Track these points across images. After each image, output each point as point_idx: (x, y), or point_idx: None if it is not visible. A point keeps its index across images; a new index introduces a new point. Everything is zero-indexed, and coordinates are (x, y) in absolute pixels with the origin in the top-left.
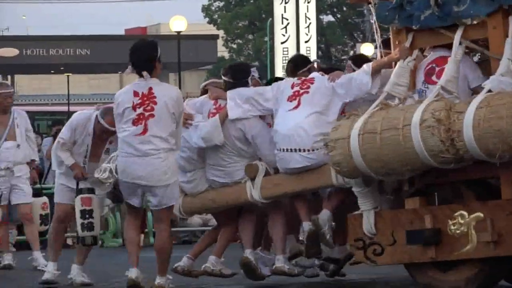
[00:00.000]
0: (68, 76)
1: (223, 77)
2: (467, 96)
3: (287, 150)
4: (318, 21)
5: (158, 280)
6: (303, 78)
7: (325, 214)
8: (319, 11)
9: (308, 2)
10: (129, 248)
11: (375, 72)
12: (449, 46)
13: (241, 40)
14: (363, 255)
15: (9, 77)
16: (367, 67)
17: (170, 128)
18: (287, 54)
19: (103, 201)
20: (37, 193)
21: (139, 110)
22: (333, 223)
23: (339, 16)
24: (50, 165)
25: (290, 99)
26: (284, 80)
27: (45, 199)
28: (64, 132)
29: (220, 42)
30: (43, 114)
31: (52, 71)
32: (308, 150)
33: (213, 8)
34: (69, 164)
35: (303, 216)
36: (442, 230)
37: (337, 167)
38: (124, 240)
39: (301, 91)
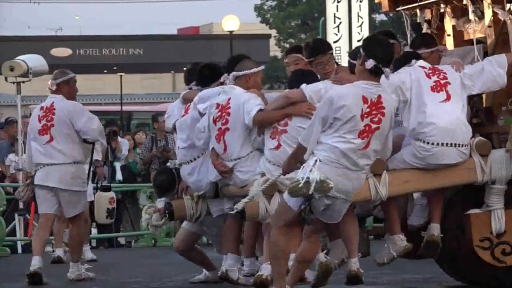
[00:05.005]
0: (121, 76)
1: (352, 60)
2: None
3: (446, 144)
4: (371, 20)
5: None
6: (429, 65)
7: (438, 229)
8: (372, 10)
9: (361, 1)
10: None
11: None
12: None
13: (294, 40)
14: (490, 255)
15: None
16: (500, 59)
17: (384, 145)
18: (340, 53)
19: None
20: (105, 188)
21: (366, 121)
22: None
23: (391, 15)
24: (104, 163)
25: (435, 89)
26: (409, 67)
27: (112, 194)
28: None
29: (272, 41)
30: (96, 114)
31: (105, 71)
32: (465, 145)
33: (265, 7)
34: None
35: (437, 218)
36: None
37: None
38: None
39: (442, 81)
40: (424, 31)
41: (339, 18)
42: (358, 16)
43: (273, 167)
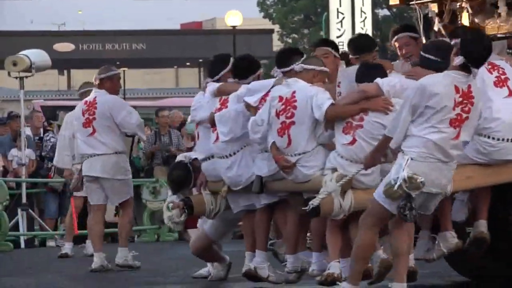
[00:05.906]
0: (124, 71)
1: (424, 54)
2: None
3: (511, 140)
4: (374, 15)
5: None
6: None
7: (486, 226)
8: (375, 5)
9: None
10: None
11: None
12: None
13: (297, 35)
14: None
15: (65, 71)
16: None
17: None
18: (343, 48)
19: None
20: None
21: (457, 110)
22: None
23: (394, 10)
24: None
25: (498, 84)
26: None
27: None
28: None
29: (275, 36)
30: None
31: None
32: None
33: (268, 2)
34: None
35: (484, 214)
36: None
37: None
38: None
39: (502, 76)
40: (436, 25)
41: (342, 13)
42: (361, 11)
43: (347, 163)
